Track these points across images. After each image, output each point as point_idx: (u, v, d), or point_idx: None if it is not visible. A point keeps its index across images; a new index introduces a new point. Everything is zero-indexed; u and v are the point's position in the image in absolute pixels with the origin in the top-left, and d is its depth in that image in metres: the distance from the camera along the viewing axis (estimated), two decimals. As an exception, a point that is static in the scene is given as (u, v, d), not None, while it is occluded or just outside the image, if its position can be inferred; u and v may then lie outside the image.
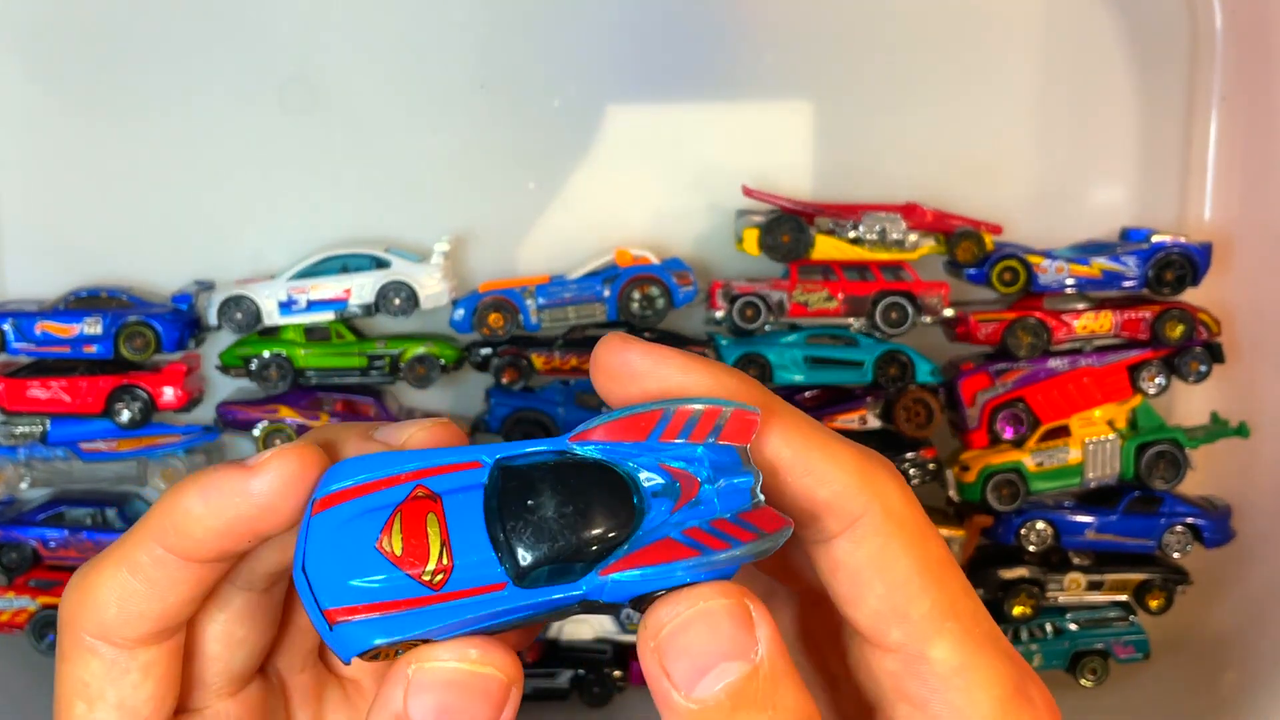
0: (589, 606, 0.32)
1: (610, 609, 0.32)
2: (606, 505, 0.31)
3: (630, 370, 0.34)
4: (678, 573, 0.30)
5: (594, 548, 0.31)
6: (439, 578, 0.30)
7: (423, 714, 0.31)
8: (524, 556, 0.31)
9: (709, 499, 0.31)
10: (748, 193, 1.03)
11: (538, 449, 0.33)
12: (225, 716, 0.38)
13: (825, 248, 1.04)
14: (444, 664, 0.31)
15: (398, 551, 0.31)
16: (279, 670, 0.40)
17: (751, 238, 1.03)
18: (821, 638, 0.33)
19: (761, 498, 0.32)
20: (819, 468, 0.33)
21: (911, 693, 0.33)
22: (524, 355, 1.05)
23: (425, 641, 0.31)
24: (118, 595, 0.34)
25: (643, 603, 0.31)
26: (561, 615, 0.32)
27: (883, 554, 0.33)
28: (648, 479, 0.32)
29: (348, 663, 0.32)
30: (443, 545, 0.31)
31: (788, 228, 1.03)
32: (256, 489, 0.33)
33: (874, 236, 1.04)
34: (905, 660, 0.33)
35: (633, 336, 0.35)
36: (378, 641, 0.30)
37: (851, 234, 1.04)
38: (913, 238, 1.04)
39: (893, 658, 0.33)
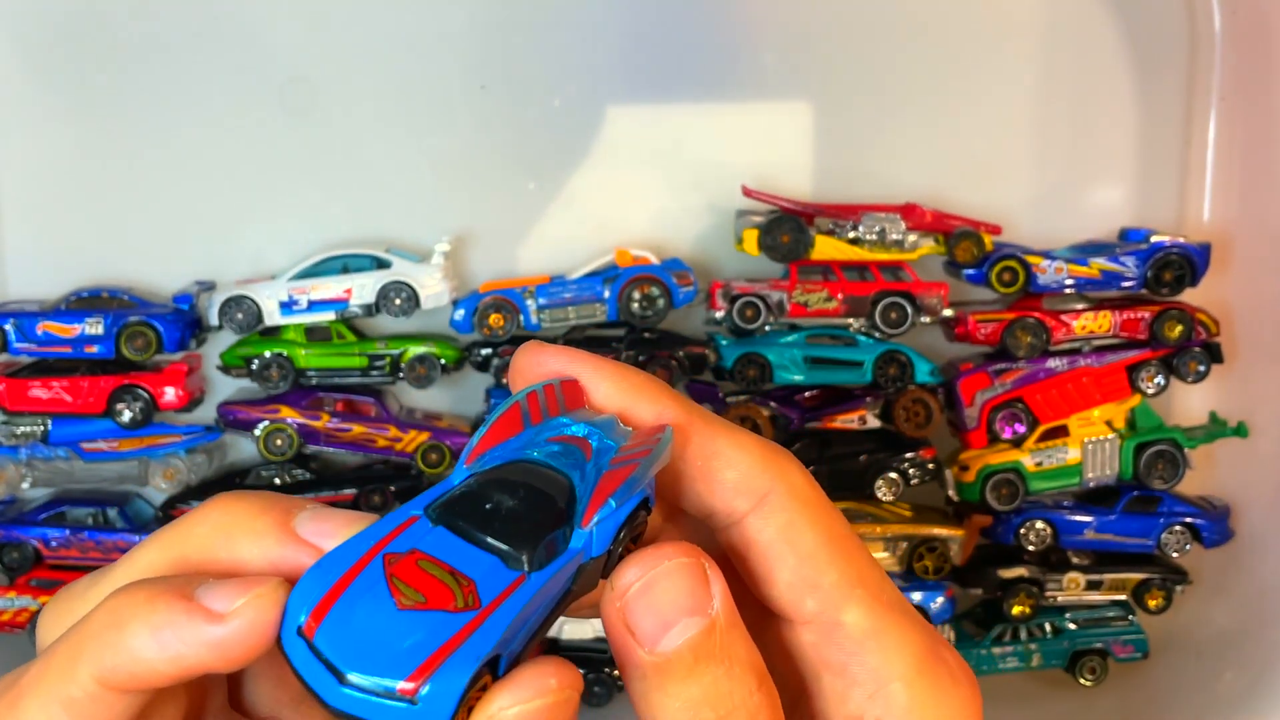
0: (589, 570, 0.33)
1: (606, 562, 0.33)
2: (543, 480, 0.33)
3: (546, 373, 0.36)
4: (635, 483, 0.33)
5: (562, 512, 0.32)
6: (471, 598, 0.30)
7: None
8: (522, 541, 0.32)
9: (602, 443, 0.34)
10: (748, 193, 1.03)
11: (449, 485, 0.34)
12: None
13: (825, 248, 1.04)
14: (532, 705, 0.30)
15: (422, 599, 0.30)
16: None
17: (751, 238, 1.03)
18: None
19: (628, 428, 0.35)
20: (725, 451, 0.35)
21: (831, 660, 0.34)
22: (524, 355, 1.04)
23: (493, 672, 0.30)
24: None
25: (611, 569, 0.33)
26: (573, 594, 0.33)
27: (790, 528, 0.35)
28: (553, 453, 0.34)
29: None
30: (453, 574, 0.31)
31: (787, 228, 1.03)
32: (221, 638, 0.31)
33: (873, 237, 1.04)
34: (821, 629, 0.35)
35: (547, 343, 0.37)
36: (464, 680, 0.29)
37: (851, 234, 1.04)
38: (912, 238, 1.04)
39: (810, 629, 0.35)
